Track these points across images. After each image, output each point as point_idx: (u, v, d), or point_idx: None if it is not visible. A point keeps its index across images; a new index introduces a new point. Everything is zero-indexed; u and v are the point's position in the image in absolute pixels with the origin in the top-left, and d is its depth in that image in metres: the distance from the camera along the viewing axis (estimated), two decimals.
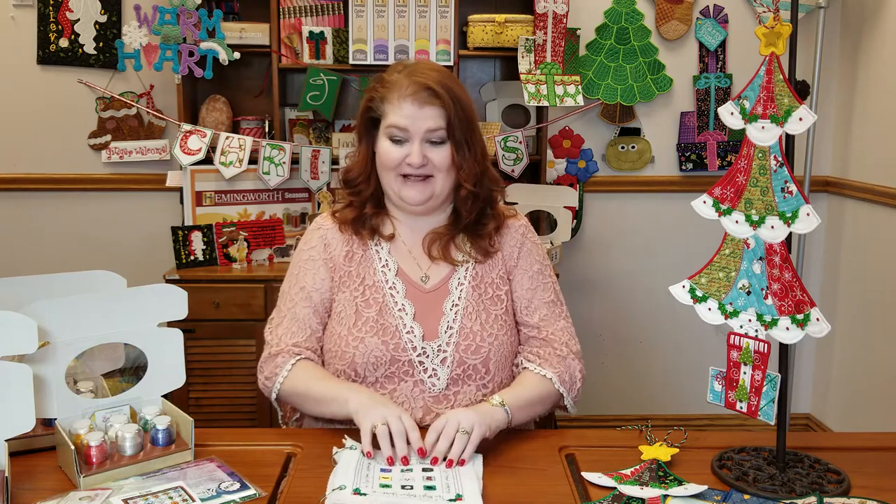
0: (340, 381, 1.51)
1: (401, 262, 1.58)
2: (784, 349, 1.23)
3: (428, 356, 1.52)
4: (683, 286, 1.27)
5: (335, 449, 1.34)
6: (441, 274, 1.58)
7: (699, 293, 1.26)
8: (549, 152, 3.16)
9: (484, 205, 1.60)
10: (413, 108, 1.49)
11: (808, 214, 1.14)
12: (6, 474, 1.15)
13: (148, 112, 3.05)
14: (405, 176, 1.53)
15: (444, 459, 1.29)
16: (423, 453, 1.30)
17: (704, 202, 1.25)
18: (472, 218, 1.58)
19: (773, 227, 1.17)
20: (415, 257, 1.59)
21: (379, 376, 1.51)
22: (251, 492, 1.21)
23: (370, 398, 1.40)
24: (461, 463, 1.29)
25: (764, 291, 1.19)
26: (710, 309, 1.25)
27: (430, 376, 1.51)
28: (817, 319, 1.16)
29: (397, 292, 1.55)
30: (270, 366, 1.54)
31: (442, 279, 1.58)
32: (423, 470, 1.27)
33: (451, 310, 1.55)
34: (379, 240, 1.60)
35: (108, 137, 3.10)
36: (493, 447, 1.38)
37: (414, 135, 1.50)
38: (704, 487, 1.21)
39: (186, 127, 2.82)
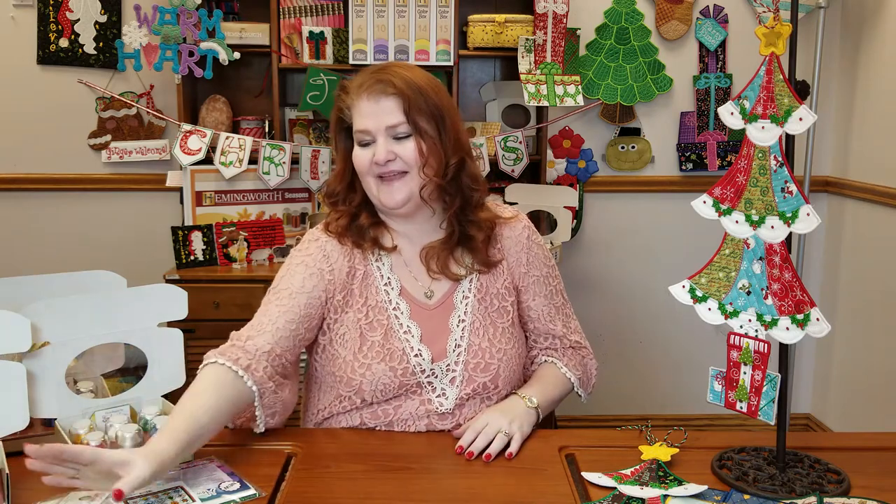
0: (180, 416, 1.24)
1: (402, 278, 1.51)
2: (784, 349, 1.23)
3: (437, 376, 1.47)
4: (683, 286, 1.27)
5: None
6: (445, 287, 1.52)
7: (699, 293, 1.26)
8: (549, 152, 3.15)
9: (463, 205, 1.50)
10: (370, 105, 1.44)
11: (808, 214, 1.14)
12: (6, 472, 1.15)
13: (148, 112, 3.05)
14: (381, 177, 1.46)
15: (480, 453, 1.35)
16: (461, 450, 1.36)
17: (704, 202, 1.25)
18: (455, 215, 1.50)
19: (773, 227, 1.17)
20: (415, 272, 1.52)
21: (386, 398, 1.47)
22: (251, 492, 1.21)
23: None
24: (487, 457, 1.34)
25: (764, 291, 1.19)
26: (710, 309, 1.25)
27: (438, 396, 1.47)
28: (817, 319, 1.15)
29: (402, 313, 1.48)
30: None
31: (446, 293, 1.52)
32: None
33: (457, 326, 1.50)
34: (380, 255, 1.51)
35: (108, 137, 3.09)
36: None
37: (377, 133, 1.44)
38: (704, 487, 1.21)
39: (186, 127, 2.82)
